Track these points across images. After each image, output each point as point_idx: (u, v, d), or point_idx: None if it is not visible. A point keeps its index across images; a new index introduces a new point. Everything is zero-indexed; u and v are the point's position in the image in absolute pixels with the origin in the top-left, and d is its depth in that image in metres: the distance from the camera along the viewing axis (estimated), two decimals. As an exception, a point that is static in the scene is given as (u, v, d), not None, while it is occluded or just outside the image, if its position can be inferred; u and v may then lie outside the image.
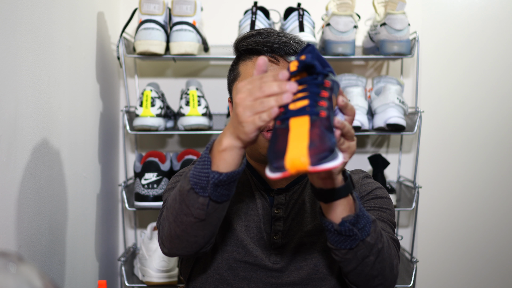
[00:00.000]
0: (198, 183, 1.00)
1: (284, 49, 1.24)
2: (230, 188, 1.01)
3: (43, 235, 1.38)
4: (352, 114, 0.96)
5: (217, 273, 1.25)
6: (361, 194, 1.27)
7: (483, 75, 2.23)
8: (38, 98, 1.35)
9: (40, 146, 1.36)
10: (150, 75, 2.19)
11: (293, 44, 1.25)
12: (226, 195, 1.01)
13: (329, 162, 0.81)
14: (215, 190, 1.00)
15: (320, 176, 0.99)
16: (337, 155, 0.83)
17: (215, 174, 0.98)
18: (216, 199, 1.01)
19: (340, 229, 1.01)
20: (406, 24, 1.86)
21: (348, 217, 1.01)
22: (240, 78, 1.28)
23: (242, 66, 1.29)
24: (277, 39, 1.24)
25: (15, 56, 1.22)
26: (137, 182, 1.87)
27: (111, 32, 2.04)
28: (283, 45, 1.24)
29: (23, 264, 0.72)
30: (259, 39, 1.25)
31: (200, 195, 1.01)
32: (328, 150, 0.82)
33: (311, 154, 0.81)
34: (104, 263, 1.98)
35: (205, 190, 1.00)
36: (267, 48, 1.24)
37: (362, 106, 1.87)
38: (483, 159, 2.24)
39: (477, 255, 2.25)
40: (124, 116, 1.91)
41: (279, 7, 2.03)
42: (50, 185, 1.43)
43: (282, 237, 1.25)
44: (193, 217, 1.04)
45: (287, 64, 1.25)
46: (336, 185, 1.00)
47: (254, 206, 1.28)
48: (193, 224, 1.05)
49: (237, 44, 1.29)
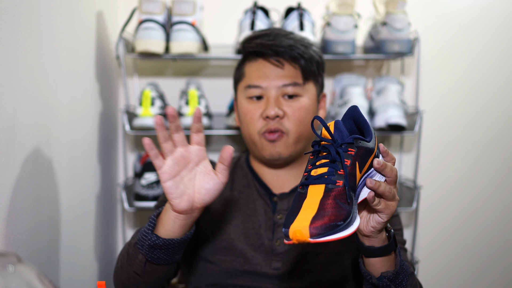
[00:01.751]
0: (141, 240, 1.01)
1: (290, 52, 1.23)
2: (169, 253, 1.01)
3: (42, 236, 1.37)
4: (392, 175, 0.92)
5: (216, 284, 1.24)
6: None
7: (484, 75, 2.22)
8: (37, 98, 1.34)
9: (39, 146, 1.35)
10: (149, 75, 2.18)
11: (299, 47, 1.23)
12: (164, 259, 1.01)
13: (336, 233, 0.81)
14: (151, 252, 1.01)
15: (361, 233, 0.97)
16: (351, 224, 0.83)
17: (152, 236, 0.99)
18: (152, 260, 1.01)
19: (378, 283, 0.98)
20: (407, 23, 1.86)
21: (387, 273, 0.97)
22: (244, 79, 1.27)
23: (248, 67, 1.28)
24: (284, 42, 1.23)
25: (14, 56, 1.21)
26: (136, 182, 1.86)
27: (111, 32, 2.04)
28: (289, 48, 1.22)
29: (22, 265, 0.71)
30: (265, 41, 1.23)
31: (140, 252, 1.02)
32: (336, 220, 0.82)
33: (314, 226, 0.81)
34: (104, 264, 1.97)
35: (143, 249, 1.01)
36: (272, 52, 1.23)
37: (363, 106, 1.87)
38: (484, 159, 2.24)
39: (478, 255, 2.25)
40: (123, 116, 1.90)
41: (279, 7, 2.03)
42: (49, 185, 1.42)
43: (284, 244, 1.24)
44: (133, 271, 1.05)
45: (291, 67, 1.23)
46: (378, 244, 0.97)
47: (254, 212, 1.26)
48: (134, 277, 1.06)
49: (243, 45, 1.28)
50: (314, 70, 1.26)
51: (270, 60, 1.24)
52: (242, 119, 1.28)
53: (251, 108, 1.25)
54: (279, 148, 1.23)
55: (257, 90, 1.24)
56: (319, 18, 2.07)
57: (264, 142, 1.23)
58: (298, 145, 1.25)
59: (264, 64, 1.24)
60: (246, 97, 1.26)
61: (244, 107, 1.26)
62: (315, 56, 1.26)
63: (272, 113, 1.21)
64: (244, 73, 1.28)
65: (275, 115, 1.22)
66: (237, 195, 1.28)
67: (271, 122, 1.22)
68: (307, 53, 1.24)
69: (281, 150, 1.23)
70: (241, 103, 1.27)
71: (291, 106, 1.23)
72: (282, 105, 1.23)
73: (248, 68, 1.27)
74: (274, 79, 1.23)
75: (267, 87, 1.23)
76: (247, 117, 1.25)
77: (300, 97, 1.24)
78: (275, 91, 1.23)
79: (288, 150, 1.24)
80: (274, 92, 1.23)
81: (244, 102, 1.26)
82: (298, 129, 1.23)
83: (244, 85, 1.27)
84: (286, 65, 1.24)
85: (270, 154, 1.23)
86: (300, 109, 1.23)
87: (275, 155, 1.23)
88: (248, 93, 1.25)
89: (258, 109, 1.24)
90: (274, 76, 1.23)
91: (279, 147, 1.23)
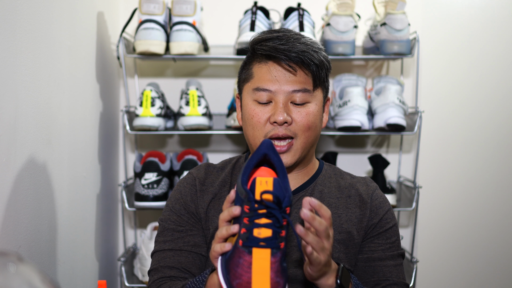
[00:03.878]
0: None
1: (303, 58, 1.21)
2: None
3: (43, 235, 1.37)
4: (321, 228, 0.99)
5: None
6: (372, 220, 1.27)
7: (483, 75, 2.22)
8: (38, 98, 1.34)
9: (40, 146, 1.36)
10: (150, 75, 2.19)
11: (311, 53, 1.21)
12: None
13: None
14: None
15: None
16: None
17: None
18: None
19: None
20: (406, 24, 1.86)
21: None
22: (252, 80, 1.25)
23: (257, 69, 1.25)
24: (296, 47, 1.20)
25: (15, 56, 1.21)
26: (137, 182, 1.87)
27: (111, 32, 2.04)
28: (302, 54, 1.20)
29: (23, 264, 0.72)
30: (277, 45, 1.21)
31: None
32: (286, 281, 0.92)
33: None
34: (104, 263, 1.98)
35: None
36: (285, 57, 1.20)
37: (362, 106, 1.87)
38: (483, 159, 2.24)
39: (477, 255, 2.25)
40: (124, 116, 1.90)
41: (279, 7, 2.03)
42: (50, 185, 1.42)
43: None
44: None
45: (303, 73, 1.22)
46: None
47: None
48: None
49: (253, 46, 1.26)
50: (323, 76, 1.25)
51: (281, 64, 1.22)
52: (247, 121, 1.26)
53: (258, 111, 1.23)
54: (286, 159, 1.23)
55: (265, 93, 1.22)
56: (319, 19, 2.08)
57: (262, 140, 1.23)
58: (304, 151, 1.24)
59: (275, 68, 1.23)
60: (253, 99, 1.24)
61: (251, 109, 1.24)
62: (325, 62, 1.25)
63: (281, 119, 1.20)
64: (252, 74, 1.26)
65: (283, 121, 1.21)
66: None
67: (278, 128, 1.21)
68: (318, 59, 1.23)
69: (288, 160, 1.23)
70: (247, 104, 1.26)
71: (300, 112, 1.22)
72: (290, 111, 1.22)
73: (257, 69, 1.25)
74: (284, 84, 1.22)
75: (276, 91, 1.22)
76: (253, 120, 1.24)
77: (309, 104, 1.23)
78: (284, 96, 1.22)
79: (294, 158, 1.23)
80: (282, 97, 1.22)
81: (251, 104, 1.24)
82: (305, 134, 1.22)
83: (252, 86, 1.25)
84: (299, 70, 1.22)
85: None
86: (308, 115, 1.22)
87: None
88: (256, 96, 1.23)
89: (266, 113, 1.22)
90: (285, 81, 1.22)
91: (286, 158, 1.23)
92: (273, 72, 1.22)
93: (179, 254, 1.23)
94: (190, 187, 1.30)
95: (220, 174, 1.32)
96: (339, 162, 2.10)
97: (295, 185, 1.29)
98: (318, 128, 1.26)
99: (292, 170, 1.29)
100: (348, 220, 1.26)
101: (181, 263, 1.23)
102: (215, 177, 1.31)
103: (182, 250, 1.24)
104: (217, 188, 1.29)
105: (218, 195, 1.28)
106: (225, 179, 1.31)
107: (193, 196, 1.28)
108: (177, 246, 1.24)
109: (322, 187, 1.29)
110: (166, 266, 1.23)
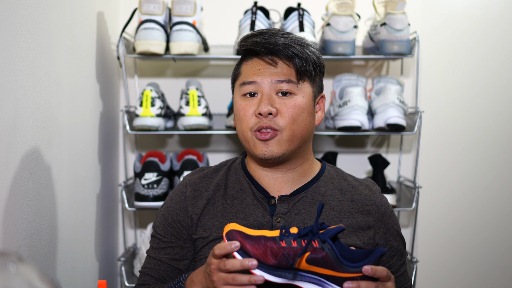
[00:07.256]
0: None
1: (284, 51, 1.22)
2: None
3: (43, 235, 1.37)
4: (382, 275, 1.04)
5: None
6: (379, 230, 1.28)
7: (484, 75, 2.22)
8: (38, 98, 1.35)
9: (40, 146, 1.36)
10: (150, 75, 2.19)
11: (295, 47, 1.22)
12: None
13: None
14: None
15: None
16: None
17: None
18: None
19: None
20: (406, 24, 1.86)
21: None
22: (240, 77, 1.27)
23: (244, 66, 1.28)
24: (279, 40, 1.22)
25: (15, 56, 1.22)
26: (137, 182, 1.87)
27: (111, 32, 2.04)
28: (284, 47, 1.22)
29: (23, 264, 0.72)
30: (260, 39, 1.24)
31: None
32: None
33: None
34: (104, 263, 1.98)
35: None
36: (265, 50, 1.23)
37: (362, 106, 1.87)
38: (483, 159, 2.24)
39: (477, 255, 2.25)
40: (124, 116, 1.91)
41: (279, 7, 2.03)
42: (50, 185, 1.42)
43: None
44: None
45: (285, 66, 1.23)
46: None
47: (251, 216, 1.26)
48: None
49: (240, 44, 1.29)
50: (310, 70, 1.25)
51: (264, 58, 1.24)
52: (236, 116, 1.28)
53: (244, 104, 1.25)
54: (272, 147, 1.22)
55: (251, 86, 1.24)
56: (319, 19, 2.08)
57: (256, 140, 1.23)
58: (291, 144, 1.23)
59: (259, 62, 1.25)
60: (241, 95, 1.26)
61: (239, 103, 1.26)
62: (312, 56, 1.25)
63: (265, 110, 1.21)
64: (240, 72, 1.29)
65: (267, 112, 1.21)
66: (230, 202, 1.28)
67: (263, 119, 1.22)
68: (303, 53, 1.23)
69: (274, 149, 1.22)
70: (236, 101, 1.28)
71: (285, 103, 1.22)
72: (275, 102, 1.23)
73: (244, 67, 1.28)
74: (268, 76, 1.23)
75: (260, 82, 1.23)
76: (240, 114, 1.25)
77: (294, 95, 1.23)
78: (268, 87, 1.23)
79: (281, 149, 1.22)
80: (267, 88, 1.23)
81: (239, 99, 1.26)
82: (291, 127, 1.22)
83: (239, 83, 1.27)
84: (280, 63, 1.23)
85: (262, 153, 1.22)
86: (294, 107, 1.22)
87: (267, 154, 1.22)
88: (243, 90, 1.25)
89: (252, 106, 1.23)
90: (269, 73, 1.24)
91: (272, 146, 1.22)
92: (256, 66, 1.25)
93: (159, 264, 1.29)
94: (181, 194, 1.31)
95: (215, 177, 1.33)
96: (339, 162, 2.10)
97: (293, 185, 1.28)
98: (306, 123, 1.25)
99: (284, 167, 1.28)
100: (349, 225, 1.25)
101: (160, 273, 1.29)
102: (209, 181, 1.32)
103: (162, 262, 1.29)
104: (211, 192, 1.30)
105: (212, 200, 1.29)
106: (219, 183, 1.31)
107: (182, 204, 1.30)
108: (158, 256, 1.30)
109: (324, 189, 1.29)
110: (147, 274, 1.30)
